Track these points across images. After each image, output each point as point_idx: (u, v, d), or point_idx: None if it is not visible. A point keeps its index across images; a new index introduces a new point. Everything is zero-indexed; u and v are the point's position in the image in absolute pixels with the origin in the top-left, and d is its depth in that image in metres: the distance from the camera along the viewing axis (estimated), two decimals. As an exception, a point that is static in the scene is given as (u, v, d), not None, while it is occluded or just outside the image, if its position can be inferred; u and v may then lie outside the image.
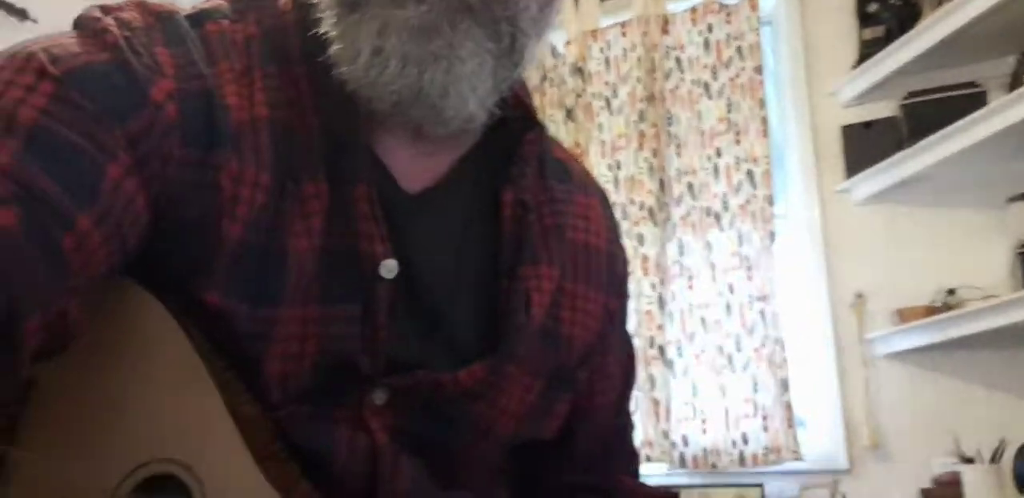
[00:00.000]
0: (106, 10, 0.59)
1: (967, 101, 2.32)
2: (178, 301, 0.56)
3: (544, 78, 3.10)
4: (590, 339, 0.72)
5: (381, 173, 0.63)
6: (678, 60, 2.93)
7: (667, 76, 2.93)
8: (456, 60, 0.56)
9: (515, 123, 0.68)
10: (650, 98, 2.92)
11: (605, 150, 2.95)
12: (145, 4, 0.61)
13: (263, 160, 0.58)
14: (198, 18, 0.61)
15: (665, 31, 2.96)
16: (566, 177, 0.75)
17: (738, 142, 2.78)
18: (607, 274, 0.75)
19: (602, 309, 0.74)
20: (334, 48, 0.58)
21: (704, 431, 2.64)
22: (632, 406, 0.82)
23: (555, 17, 0.64)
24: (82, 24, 0.58)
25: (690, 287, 2.75)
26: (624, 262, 0.80)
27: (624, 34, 3.03)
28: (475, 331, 0.66)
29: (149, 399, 0.56)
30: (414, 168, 0.64)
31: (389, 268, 0.60)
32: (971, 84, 2.42)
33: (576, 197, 0.74)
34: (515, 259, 0.67)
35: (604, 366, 0.76)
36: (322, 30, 0.59)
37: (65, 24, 0.62)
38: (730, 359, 2.66)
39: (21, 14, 2.92)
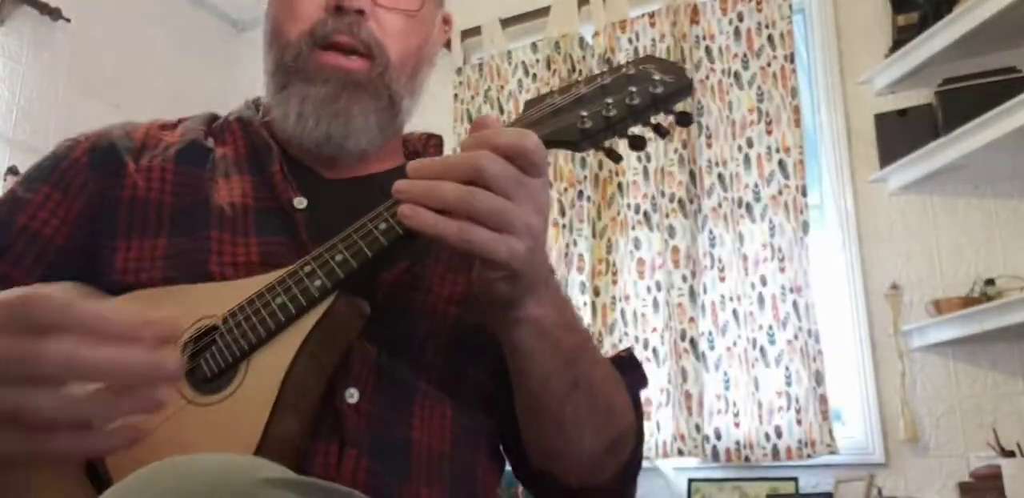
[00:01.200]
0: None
1: (1005, 87, 2.26)
2: (139, 258, 0.82)
3: (572, 70, 3.08)
4: None
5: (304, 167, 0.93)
6: (708, 50, 2.90)
7: (697, 66, 2.90)
8: (350, 117, 0.88)
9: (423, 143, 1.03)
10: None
11: (634, 142, 2.93)
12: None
13: (169, 157, 0.90)
14: (134, 125, 0.98)
15: (694, 20, 2.94)
16: None
17: (770, 132, 2.75)
18: None
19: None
20: (274, 113, 0.91)
21: (737, 424, 2.62)
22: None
23: (423, 81, 0.96)
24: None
25: (722, 279, 2.73)
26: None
27: (653, 24, 3.00)
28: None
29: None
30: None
31: (300, 202, 0.85)
32: (1010, 69, 2.37)
33: None
34: None
35: None
36: (265, 100, 0.94)
37: (96, 23, 0.78)
38: (763, 352, 2.64)
39: (55, 13, 2.96)
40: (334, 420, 0.75)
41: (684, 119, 0.76)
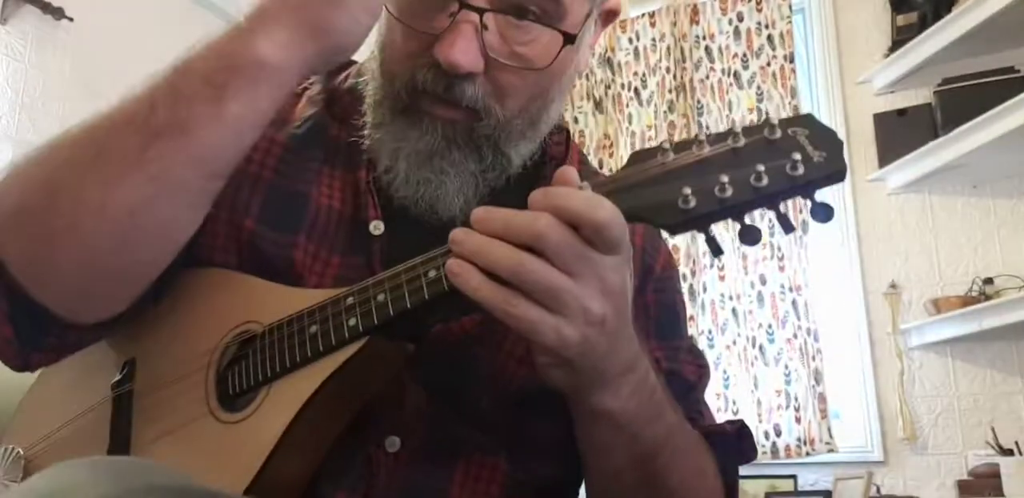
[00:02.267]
0: None
1: (1004, 87, 2.27)
2: (229, 237, 0.76)
3: (573, 69, 3.09)
4: None
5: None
6: (708, 49, 2.91)
7: (697, 66, 2.91)
8: (445, 181, 0.75)
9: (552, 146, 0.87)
10: (680, 88, 2.90)
11: (635, 141, 2.94)
12: None
13: (285, 130, 0.81)
14: None
15: (694, 20, 2.94)
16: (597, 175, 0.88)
17: (769, 132, 2.75)
18: (639, 267, 0.85)
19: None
20: (369, 149, 0.79)
21: (736, 422, 2.63)
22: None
23: (551, 121, 0.81)
24: None
25: (721, 278, 2.74)
26: (665, 262, 0.90)
27: (653, 24, 3.01)
28: None
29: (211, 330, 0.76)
30: None
31: (376, 227, 0.77)
32: (1008, 69, 2.38)
33: None
34: None
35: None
36: (364, 137, 0.79)
37: (99, 22, 0.75)
38: (762, 350, 2.65)
39: (58, 12, 2.97)
40: (366, 468, 0.70)
41: (823, 213, 0.59)
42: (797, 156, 0.57)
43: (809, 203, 0.59)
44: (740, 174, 0.57)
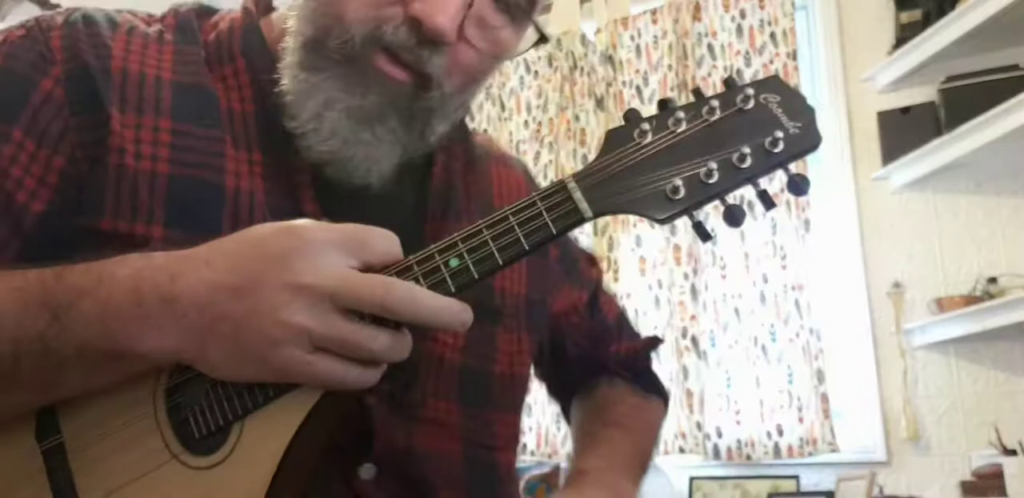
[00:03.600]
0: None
1: (1008, 85, 2.25)
2: (121, 244, 0.65)
3: (574, 67, 3.08)
4: (520, 290, 0.85)
5: None
6: (710, 47, 2.90)
7: (699, 63, 2.89)
8: (376, 146, 0.71)
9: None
10: (682, 86, 2.88)
11: (636, 139, 2.92)
12: (71, 8, 0.75)
13: (164, 109, 0.71)
14: (116, 10, 0.76)
15: (697, 17, 2.93)
16: (484, 155, 0.89)
17: (772, 130, 2.74)
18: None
19: (529, 264, 0.85)
20: (286, 93, 0.71)
21: (738, 422, 2.62)
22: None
23: (462, 113, 0.80)
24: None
25: (723, 277, 2.73)
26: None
27: (655, 21, 2.99)
28: None
29: None
30: None
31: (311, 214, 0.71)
32: (1013, 67, 2.36)
33: (496, 171, 0.90)
34: (439, 210, 0.79)
35: (558, 300, 0.92)
36: (282, 81, 0.71)
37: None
38: (764, 350, 2.63)
39: (55, 9, 2.95)
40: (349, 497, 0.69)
41: (799, 186, 0.59)
42: (777, 133, 0.57)
43: (785, 177, 0.59)
44: (724, 157, 0.57)
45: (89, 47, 0.70)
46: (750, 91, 0.59)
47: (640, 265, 2.86)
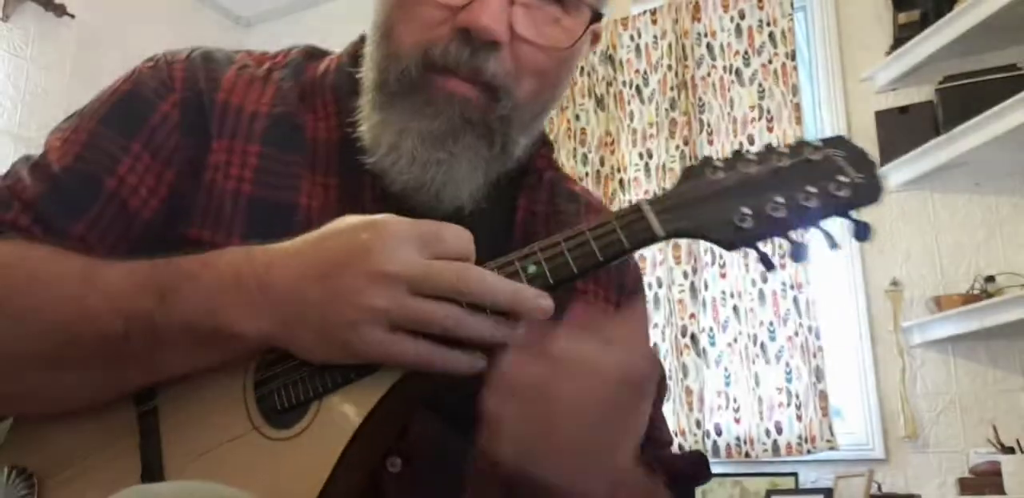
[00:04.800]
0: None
1: (1006, 85, 2.27)
2: (203, 251, 0.68)
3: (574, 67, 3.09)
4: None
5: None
6: (709, 47, 2.91)
7: (698, 63, 2.91)
8: (455, 164, 0.71)
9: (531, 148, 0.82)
10: (681, 86, 2.90)
11: (636, 139, 2.94)
12: (201, 47, 0.82)
13: (255, 136, 0.76)
14: (236, 51, 0.82)
15: (696, 18, 2.94)
16: (575, 200, 0.88)
17: (771, 129, 2.75)
18: (614, 286, 0.86)
19: (613, 302, 0.84)
20: (363, 135, 0.74)
21: (737, 420, 2.63)
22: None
23: (545, 119, 0.80)
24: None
25: (723, 276, 2.74)
26: (635, 279, 0.91)
27: (654, 21, 3.01)
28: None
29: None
30: None
31: None
32: (1011, 67, 2.37)
33: (585, 216, 0.86)
34: None
35: None
36: (359, 121, 0.74)
37: (102, 20, 0.79)
38: (763, 348, 2.64)
39: (60, 9, 2.97)
40: (372, 488, 0.69)
41: (862, 232, 0.62)
42: (842, 179, 0.61)
43: (849, 222, 0.62)
44: (792, 194, 0.61)
45: (204, 80, 0.77)
46: (818, 144, 0.63)
47: (640, 263, 2.87)
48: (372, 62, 0.75)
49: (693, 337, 2.71)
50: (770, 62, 2.80)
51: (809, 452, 2.53)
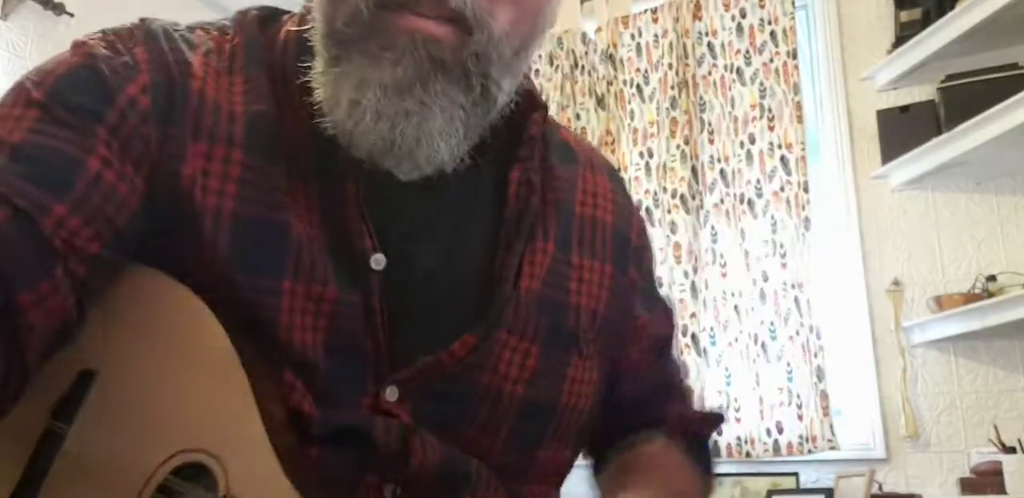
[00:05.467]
0: (101, 30, 0.69)
1: (1007, 84, 2.26)
2: (198, 282, 0.62)
3: (575, 66, 3.08)
4: (598, 307, 0.76)
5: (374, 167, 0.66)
6: (710, 46, 2.90)
7: (699, 62, 2.90)
8: (428, 115, 0.61)
9: (521, 108, 0.72)
10: (682, 84, 2.89)
11: (637, 138, 2.93)
12: (145, 19, 0.71)
13: (236, 141, 0.65)
14: (188, 27, 0.71)
15: (697, 16, 2.94)
16: (570, 157, 0.79)
17: (772, 128, 2.75)
18: (616, 246, 0.79)
19: (611, 280, 0.78)
20: (317, 94, 0.63)
21: (738, 420, 2.63)
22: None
23: (531, 57, 0.68)
24: (73, 43, 0.67)
25: (723, 275, 2.74)
26: (639, 231, 0.84)
27: (655, 20, 3.00)
28: (473, 307, 0.69)
29: (192, 392, 0.61)
30: None
31: (377, 260, 0.65)
32: (1012, 66, 2.37)
33: (581, 174, 0.79)
34: (513, 235, 0.71)
35: (631, 327, 0.81)
36: (311, 77, 0.64)
37: (101, 18, 0.71)
38: (764, 347, 2.64)
39: (59, 8, 2.96)
40: None
41: None
42: None
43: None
44: None
45: (173, 62, 0.66)
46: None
47: (640, 263, 2.87)
48: (317, 9, 0.64)
49: (694, 337, 2.71)
50: (771, 61, 2.79)
51: (810, 452, 2.52)
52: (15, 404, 0.57)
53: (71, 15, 2.99)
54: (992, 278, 2.41)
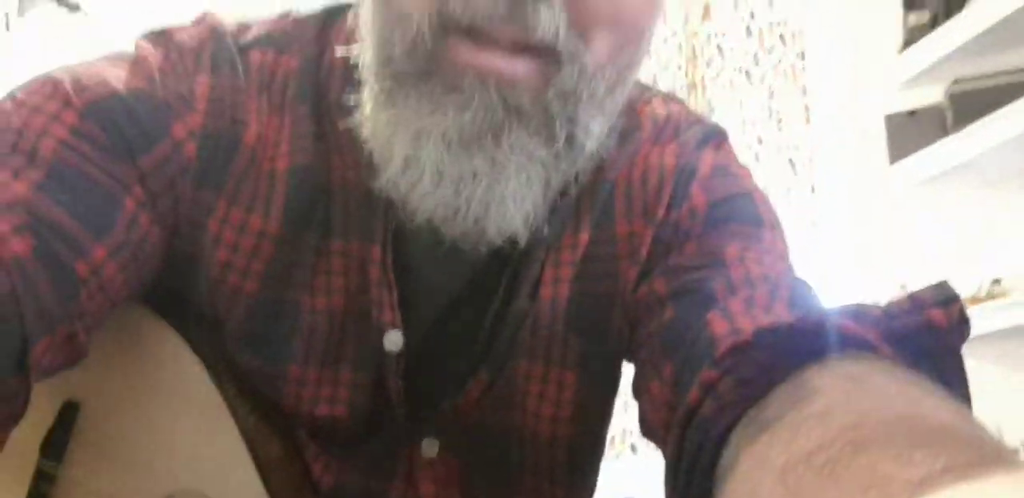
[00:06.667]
0: (164, 33, 0.60)
1: (1015, 87, 2.27)
2: (206, 336, 0.58)
3: (584, 66, 3.10)
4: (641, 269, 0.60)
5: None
6: (719, 47, 2.91)
7: (708, 63, 2.91)
8: (500, 176, 0.49)
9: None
10: (691, 86, 2.90)
11: (645, 138, 2.95)
12: (210, 21, 0.61)
13: (273, 211, 0.56)
14: (247, 45, 0.60)
15: (706, 17, 2.95)
16: (629, 133, 0.63)
17: (780, 130, 2.76)
18: (656, 196, 0.62)
19: (652, 241, 0.61)
20: (367, 144, 0.52)
21: (743, 420, 2.64)
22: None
23: (627, 91, 0.54)
24: (135, 50, 0.59)
25: (730, 276, 2.74)
26: (690, 169, 0.63)
27: (664, 21, 3.01)
28: (488, 336, 0.60)
29: (179, 431, 0.59)
30: None
31: (392, 340, 0.57)
32: (1020, 70, 2.37)
33: (642, 149, 0.63)
34: (531, 246, 0.58)
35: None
36: (358, 119, 0.53)
37: (114, 16, 0.66)
38: (770, 348, 2.65)
39: (73, 6, 2.99)
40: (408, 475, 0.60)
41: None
42: None
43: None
44: None
45: (230, 106, 0.56)
46: None
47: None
48: (369, 29, 0.51)
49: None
50: (780, 63, 2.80)
51: (814, 452, 2.53)
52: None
53: (86, 14, 3.01)
54: (997, 281, 2.41)
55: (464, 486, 0.60)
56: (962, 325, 0.47)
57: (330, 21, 0.61)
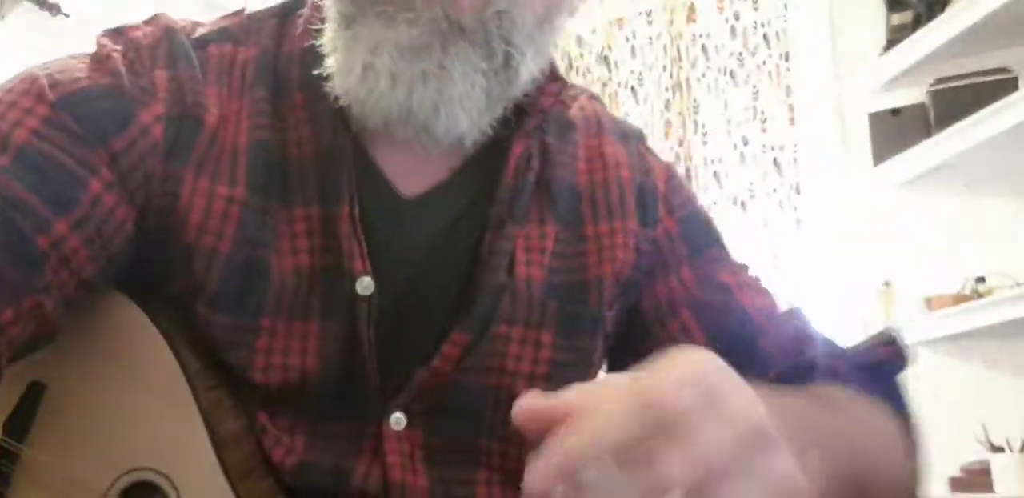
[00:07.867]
0: (122, 31, 0.67)
1: (997, 87, 2.29)
2: (174, 313, 0.61)
3: (570, 67, 3.10)
4: (623, 269, 0.69)
5: (376, 180, 0.64)
6: (704, 48, 2.92)
7: (693, 64, 2.92)
8: (447, 80, 0.57)
9: (538, 83, 0.68)
10: (676, 86, 2.91)
11: (630, 139, 2.95)
12: (163, 20, 0.68)
13: (239, 178, 0.62)
14: (204, 40, 0.67)
15: (691, 19, 2.96)
16: (567, 128, 0.73)
17: (764, 130, 2.77)
18: (638, 199, 0.72)
19: (634, 237, 0.70)
20: (329, 60, 0.60)
21: (730, 419, 2.64)
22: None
23: (555, 33, 0.64)
24: (96, 48, 0.65)
25: (716, 276, 2.75)
26: (667, 177, 0.76)
27: (650, 22, 3.02)
28: (462, 302, 0.63)
29: (139, 410, 0.60)
30: (413, 172, 0.66)
31: (365, 285, 0.61)
32: (1002, 70, 2.39)
33: (582, 143, 0.73)
34: (505, 215, 0.65)
35: (674, 276, 0.71)
36: (321, 42, 0.61)
37: (96, 19, 0.69)
38: (756, 348, 2.66)
39: (55, 9, 2.97)
40: (375, 444, 0.61)
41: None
42: None
43: None
44: None
45: (190, 93, 0.62)
46: None
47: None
48: None
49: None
50: (764, 63, 2.81)
51: (801, 451, 2.54)
52: None
53: (67, 16, 2.99)
54: (981, 279, 2.43)
55: (430, 457, 0.62)
56: (901, 357, 0.73)
57: (287, 17, 0.68)
